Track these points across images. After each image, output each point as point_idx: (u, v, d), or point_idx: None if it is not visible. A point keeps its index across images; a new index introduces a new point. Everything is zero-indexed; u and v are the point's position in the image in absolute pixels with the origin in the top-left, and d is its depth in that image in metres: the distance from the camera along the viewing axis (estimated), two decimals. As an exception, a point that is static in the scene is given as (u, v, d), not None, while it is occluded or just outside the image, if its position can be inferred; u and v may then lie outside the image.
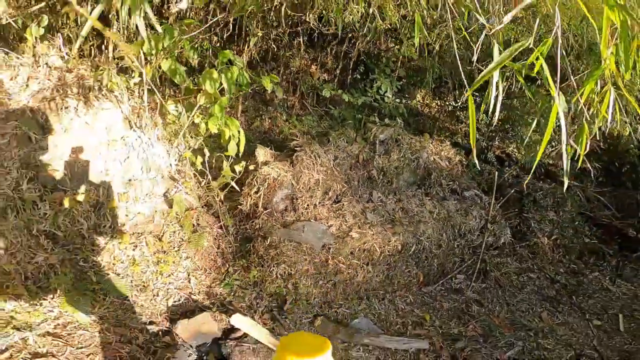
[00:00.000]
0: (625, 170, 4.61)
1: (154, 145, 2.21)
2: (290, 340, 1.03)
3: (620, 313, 3.39)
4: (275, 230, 2.47)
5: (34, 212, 1.90)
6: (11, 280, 1.90)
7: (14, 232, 1.86)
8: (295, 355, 0.97)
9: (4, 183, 1.86)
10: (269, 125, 3.72)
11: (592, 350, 2.87)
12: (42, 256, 1.90)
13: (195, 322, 2.07)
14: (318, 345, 1.01)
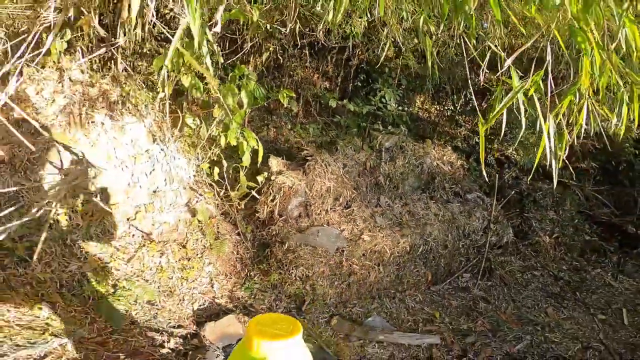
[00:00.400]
0: (622, 168, 4.83)
1: (175, 158, 2.40)
2: (259, 322, 0.99)
3: (624, 307, 3.57)
4: (292, 235, 2.65)
5: (68, 222, 2.07)
6: (46, 289, 2.06)
7: (49, 242, 2.03)
8: (262, 337, 0.93)
9: (39, 197, 2.03)
10: (274, 135, 3.92)
11: (598, 343, 3.02)
12: (75, 265, 2.07)
13: (221, 324, 2.23)
14: (288, 327, 0.97)
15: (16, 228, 1.93)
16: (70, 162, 2.11)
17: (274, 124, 4.01)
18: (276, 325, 0.99)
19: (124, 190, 2.22)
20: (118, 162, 2.21)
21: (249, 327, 0.97)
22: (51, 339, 1.95)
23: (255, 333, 0.95)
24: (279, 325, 0.99)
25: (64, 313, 2.03)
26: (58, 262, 2.08)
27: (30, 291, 1.99)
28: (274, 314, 1.35)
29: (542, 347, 2.92)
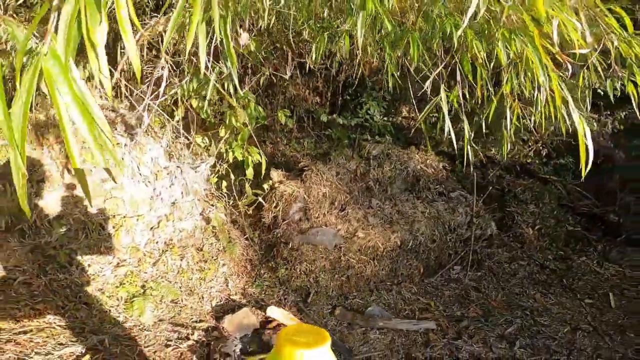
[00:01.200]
0: (601, 161, 5.33)
1: (189, 173, 2.86)
2: (290, 332, 1.07)
3: (610, 292, 3.86)
4: (294, 236, 3.11)
5: (100, 232, 2.51)
6: (84, 292, 2.47)
7: (85, 249, 2.46)
8: (295, 346, 1.01)
9: (76, 209, 2.48)
10: (272, 150, 4.39)
11: (587, 325, 3.32)
12: (109, 269, 2.50)
13: (237, 317, 2.65)
14: (317, 338, 1.04)
15: (57, 237, 2.37)
16: (101, 180, 2.57)
17: (271, 140, 4.49)
18: (304, 335, 1.06)
19: (148, 203, 2.67)
20: (142, 179, 2.67)
21: (279, 338, 1.05)
22: (90, 336, 2.34)
23: (286, 343, 1.02)
24: (307, 335, 1.06)
25: (100, 313, 2.43)
26: (94, 267, 2.51)
27: (70, 294, 2.40)
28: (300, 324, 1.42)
29: (532, 330, 3.24)
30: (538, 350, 2.95)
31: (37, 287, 2.29)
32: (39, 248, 2.33)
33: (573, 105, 1.37)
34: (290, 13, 2.27)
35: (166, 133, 2.83)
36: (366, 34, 2.14)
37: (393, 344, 2.90)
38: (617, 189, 4.96)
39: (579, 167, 5.19)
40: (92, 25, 0.83)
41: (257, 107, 2.97)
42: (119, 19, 0.88)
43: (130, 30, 0.90)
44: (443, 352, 2.89)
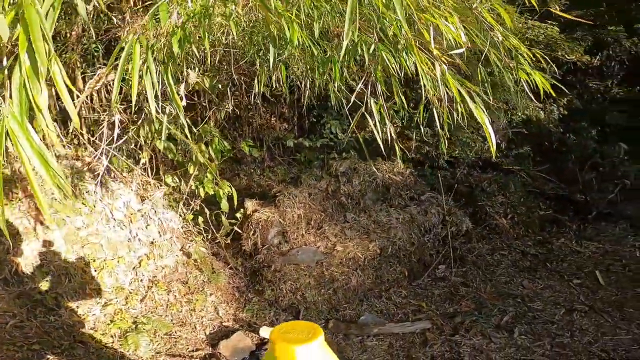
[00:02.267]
0: (555, 146, 5.75)
1: (164, 213, 2.98)
2: (283, 329, 1.09)
3: (596, 270, 4.01)
4: (276, 259, 3.23)
5: (83, 276, 2.57)
6: (77, 331, 2.50)
7: (71, 293, 2.52)
8: (286, 342, 1.03)
9: (55, 258, 2.56)
10: (247, 182, 4.54)
11: (581, 305, 3.42)
12: (98, 309, 2.55)
13: (232, 341, 2.71)
14: (309, 332, 1.06)
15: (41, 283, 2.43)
16: (76, 228, 2.66)
17: (244, 172, 4.66)
18: (297, 331, 1.08)
19: (126, 245, 2.75)
20: (116, 223, 2.77)
21: (273, 335, 1.07)
22: (90, 373, 2.36)
23: (280, 340, 1.04)
24: (300, 331, 1.08)
25: (97, 350, 2.47)
26: (82, 308, 2.55)
27: (63, 334, 2.43)
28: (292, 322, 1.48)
29: (528, 316, 3.31)
30: (539, 335, 3.03)
31: (29, 329, 2.33)
32: (24, 294, 2.39)
33: (468, 99, 1.63)
34: (237, 47, 2.52)
35: (135, 177, 2.97)
36: (304, 59, 2.41)
37: (392, 348, 2.96)
38: (577, 169, 5.34)
39: (536, 154, 5.57)
40: (35, 93, 1.04)
41: (221, 141, 3.17)
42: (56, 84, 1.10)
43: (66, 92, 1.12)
44: (443, 349, 2.96)
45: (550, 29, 3.77)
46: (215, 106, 3.42)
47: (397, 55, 1.72)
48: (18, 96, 1.02)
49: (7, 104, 1.00)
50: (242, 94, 3.98)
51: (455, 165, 5.35)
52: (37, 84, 1.04)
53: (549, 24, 3.89)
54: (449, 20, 1.71)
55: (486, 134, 1.62)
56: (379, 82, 1.89)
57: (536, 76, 2.00)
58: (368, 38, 1.80)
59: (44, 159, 1.03)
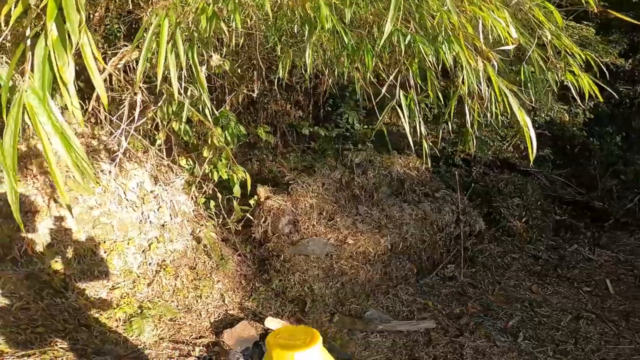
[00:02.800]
0: (578, 150, 5.62)
1: (177, 195, 2.97)
2: (279, 335, 1.05)
3: (607, 278, 3.98)
4: (285, 248, 3.21)
5: (92, 257, 2.59)
6: (82, 314, 2.53)
7: (79, 274, 2.54)
8: (284, 349, 0.99)
9: (66, 237, 2.57)
10: (258, 167, 4.52)
11: (589, 312, 3.40)
12: (104, 292, 2.57)
13: (237, 330, 2.72)
14: (308, 338, 1.03)
15: (50, 263, 2.45)
16: (88, 207, 2.67)
17: (257, 157, 4.62)
18: (294, 336, 1.04)
19: (137, 227, 2.76)
20: (129, 204, 2.77)
21: (269, 341, 1.03)
22: (93, 357, 2.39)
23: (276, 346, 1.00)
24: (297, 336, 1.04)
25: (101, 334, 2.49)
26: (89, 291, 2.58)
27: (68, 317, 2.46)
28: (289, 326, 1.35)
29: (534, 321, 3.30)
30: (543, 341, 3.02)
31: (35, 311, 2.35)
32: (33, 275, 2.41)
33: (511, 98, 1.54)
34: (260, 31, 2.45)
35: (150, 158, 2.95)
36: (330, 46, 2.33)
37: (395, 346, 2.96)
38: (598, 175, 5.22)
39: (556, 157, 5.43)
40: (61, 65, 0.98)
41: (237, 125, 3.13)
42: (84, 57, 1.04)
43: (95, 67, 1.06)
44: (446, 349, 2.96)
45: (586, 30, 3.62)
46: (236, 89, 3.37)
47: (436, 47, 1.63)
48: (40, 69, 0.96)
49: (27, 77, 0.95)
50: (261, 79, 3.92)
51: (471, 163, 5.26)
52: (65, 55, 0.98)
53: (585, 24, 3.73)
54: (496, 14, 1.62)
55: (526, 135, 1.54)
56: (414, 74, 1.82)
57: (584, 79, 1.91)
58: (403, 28, 1.72)
59: (65, 138, 0.99)
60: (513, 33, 1.57)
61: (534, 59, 1.88)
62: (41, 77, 0.96)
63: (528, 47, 1.91)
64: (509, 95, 1.58)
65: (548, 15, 1.98)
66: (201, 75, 1.49)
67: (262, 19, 2.46)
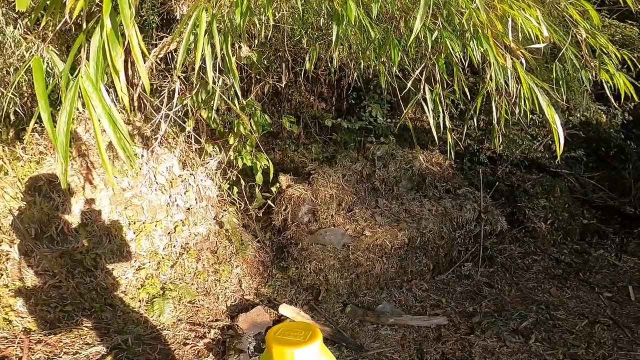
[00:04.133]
0: (613, 153, 5.42)
1: (203, 180, 3.12)
2: (278, 331, 1.06)
3: (629, 285, 3.90)
4: (304, 237, 3.33)
5: (122, 238, 2.77)
6: (109, 294, 2.73)
7: (109, 254, 2.73)
8: (284, 345, 1.00)
9: (99, 217, 2.76)
10: (280, 157, 4.63)
11: (606, 318, 3.36)
12: (131, 272, 2.76)
13: (251, 315, 2.87)
14: (307, 335, 1.03)
15: (83, 242, 2.65)
16: (121, 189, 2.85)
17: (279, 147, 4.74)
18: (294, 333, 1.05)
19: (165, 209, 2.93)
20: (158, 187, 2.94)
21: (268, 338, 1.04)
22: (115, 336, 2.58)
23: (276, 343, 1.02)
24: (297, 332, 1.05)
25: (124, 314, 2.68)
26: (117, 271, 2.77)
27: (95, 297, 2.66)
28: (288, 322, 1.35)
29: (548, 324, 3.29)
30: (554, 344, 3.01)
31: (66, 290, 2.55)
32: (66, 253, 2.60)
33: (540, 95, 1.55)
34: (288, 24, 2.51)
35: (179, 143, 3.10)
36: (356, 40, 2.37)
37: (404, 339, 3.02)
38: (632, 180, 5.03)
39: (590, 159, 5.29)
40: (114, 55, 1.10)
41: (262, 114, 3.22)
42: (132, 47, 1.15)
43: (141, 57, 1.17)
44: (455, 347, 3.00)
45: (630, 29, 3.48)
46: (261, 80, 3.46)
47: (464, 43, 1.66)
48: (95, 58, 1.08)
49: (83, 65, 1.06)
50: (287, 71, 3.99)
51: (496, 161, 5.18)
52: (118, 46, 1.09)
53: (629, 23, 3.58)
54: (527, 12, 1.62)
55: (554, 134, 1.57)
56: (441, 69, 1.85)
57: (620, 78, 1.89)
58: (431, 24, 1.76)
59: (113, 121, 1.10)
60: (544, 31, 1.57)
61: (567, 58, 1.86)
62: (95, 65, 1.09)
63: (562, 45, 1.89)
64: (538, 93, 1.59)
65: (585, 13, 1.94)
66: (234, 66, 1.57)
67: (290, 12, 2.52)
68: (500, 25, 1.63)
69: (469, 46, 1.58)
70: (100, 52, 1.08)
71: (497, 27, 1.63)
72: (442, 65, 1.75)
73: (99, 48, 1.08)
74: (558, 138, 1.58)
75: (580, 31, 1.71)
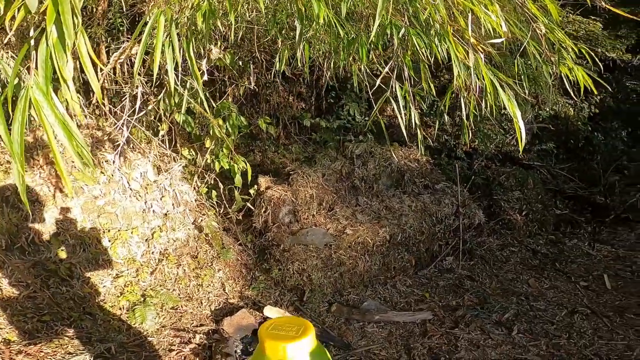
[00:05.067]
0: (582, 145, 5.61)
1: (179, 185, 3.04)
2: (271, 326, 1.06)
3: (604, 274, 3.99)
4: (285, 238, 3.28)
5: (97, 246, 2.67)
6: (87, 303, 2.62)
7: (85, 263, 2.62)
8: (276, 340, 1.00)
9: (72, 226, 2.64)
10: (260, 158, 4.57)
11: (584, 307, 3.43)
12: (109, 280, 2.65)
13: (236, 318, 2.80)
14: (300, 329, 1.03)
15: (56, 252, 2.53)
16: (93, 197, 2.74)
17: (259, 148, 4.68)
18: (286, 327, 1.05)
19: (141, 216, 2.83)
20: (133, 193, 2.84)
21: (261, 333, 1.04)
22: (97, 345, 2.49)
23: (268, 338, 1.01)
24: (289, 327, 1.05)
25: (104, 322, 2.58)
26: (94, 279, 2.66)
27: (73, 306, 2.55)
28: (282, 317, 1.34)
29: (529, 315, 3.34)
30: (537, 334, 3.06)
31: (41, 300, 2.44)
32: (39, 264, 2.48)
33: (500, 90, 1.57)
34: (260, 24, 2.48)
35: (153, 148, 3.02)
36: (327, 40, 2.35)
37: (391, 336, 3.02)
38: (601, 170, 5.21)
39: (560, 151, 5.42)
40: (61, 64, 1.08)
41: (238, 117, 3.17)
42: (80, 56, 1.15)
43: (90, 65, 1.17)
44: (441, 341, 3.01)
45: (593, 25, 3.60)
46: (234, 82, 3.41)
47: (429, 40, 1.67)
48: (44, 67, 1.06)
49: (32, 74, 1.04)
50: (262, 72, 3.95)
51: (473, 156, 5.27)
52: (64, 55, 1.08)
53: (592, 19, 3.70)
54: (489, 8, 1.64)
55: (516, 127, 1.59)
56: (408, 67, 1.85)
57: (579, 72, 1.93)
58: (398, 21, 1.76)
59: (67, 128, 1.08)
60: (503, 27, 1.59)
61: (530, 53, 1.90)
62: (44, 74, 1.06)
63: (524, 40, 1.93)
64: (498, 88, 1.61)
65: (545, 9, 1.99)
66: (196, 70, 1.54)
67: (262, 12, 2.48)
68: (462, 21, 1.64)
69: (433, 43, 1.59)
70: (48, 61, 1.06)
71: (459, 23, 1.65)
72: (409, 62, 1.75)
73: (46, 57, 1.06)
74: (519, 130, 1.61)
75: (540, 26, 1.74)
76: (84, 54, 1.15)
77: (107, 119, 2.88)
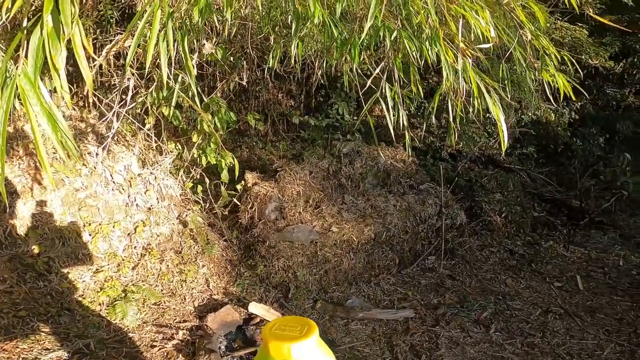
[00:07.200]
0: (561, 150, 5.69)
1: (164, 179, 2.93)
2: (275, 326, 1.04)
3: (577, 275, 4.09)
4: (271, 234, 3.21)
5: (77, 240, 2.55)
6: (65, 298, 2.51)
7: (63, 257, 2.50)
8: (281, 340, 0.98)
9: (51, 219, 2.52)
10: (248, 154, 4.48)
11: (557, 307, 3.49)
12: (88, 275, 2.54)
13: (220, 314, 2.73)
14: (304, 329, 1.01)
15: (35, 245, 2.41)
16: (74, 189, 2.62)
17: (247, 144, 4.59)
18: (290, 327, 1.03)
19: (123, 210, 2.72)
20: (115, 186, 2.72)
21: (265, 333, 1.02)
22: (75, 341, 2.39)
23: (272, 338, 0.99)
24: (293, 327, 1.03)
25: (83, 318, 2.48)
26: (73, 274, 2.55)
27: (51, 301, 2.43)
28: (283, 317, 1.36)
29: (506, 314, 3.39)
30: (512, 333, 3.11)
31: (18, 295, 2.32)
32: (16, 257, 2.36)
33: (486, 94, 1.55)
34: (253, 21, 2.40)
35: (138, 141, 2.90)
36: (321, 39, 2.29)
37: (374, 333, 3.01)
38: (577, 175, 5.30)
39: (540, 155, 5.47)
40: (54, 54, 1.04)
41: (227, 112, 3.08)
42: (74, 46, 1.11)
43: (83, 55, 1.13)
44: (423, 338, 3.02)
45: (579, 32, 3.62)
46: (225, 77, 3.31)
47: (420, 44, 1.63)
48: (34, 56, 1.03)
49: (21, 63, 1.01)
50: (253, 68, 3.85)
51: (457, 158, 5.29)
52: (58, 44, 1.05)
53: (579, 26, 3.72)
54: (479, 14, 1.62)
55: (499, 131, 1.58)
56: (398, 68, 1.82)
57: (559, 78, 1.93)
58: (391, 24, 1.72)
59: (52, 118, 1.03)
60: (492, 32, 1.57)
61: (515, 59, 1.88)
62: (34, 63, 1.03)
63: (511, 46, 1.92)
64: (484, 92, 1.59)
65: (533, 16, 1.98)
66: (190, 63, 1.47)
67: (256, 9, 2.40)
68: (454, 25, 1.62)
69: (424, 46, 1.56)
70: (39, 51, 1.03)
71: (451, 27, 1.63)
72: (399, 64, 1.71)
73: (38, 46, 1.02)
74: (502, 133, 1.60)
75: (527, 33, 1.73)
76: (77, 44, 1.11)
77: (90, 111, 2.75)
